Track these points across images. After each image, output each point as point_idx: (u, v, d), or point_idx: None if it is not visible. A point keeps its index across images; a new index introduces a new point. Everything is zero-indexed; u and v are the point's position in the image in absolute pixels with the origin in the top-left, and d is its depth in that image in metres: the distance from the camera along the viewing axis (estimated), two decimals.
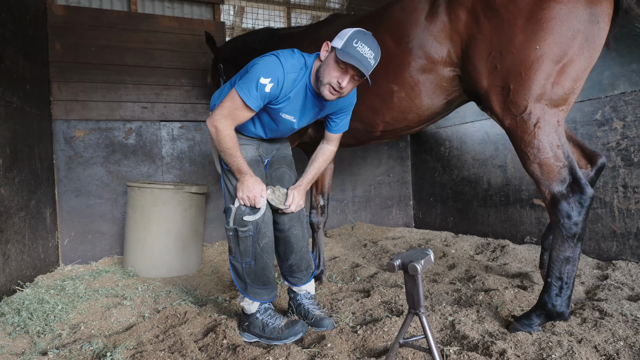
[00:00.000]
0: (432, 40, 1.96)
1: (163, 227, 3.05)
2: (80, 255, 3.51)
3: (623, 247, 2.76)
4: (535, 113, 1.71)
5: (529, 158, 1.75)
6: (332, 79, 1.70)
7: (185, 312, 2.19)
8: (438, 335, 1.83)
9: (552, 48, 1.64)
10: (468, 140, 4.01)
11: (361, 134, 2.42)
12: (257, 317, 1.94)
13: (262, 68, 1.73)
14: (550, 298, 1.76)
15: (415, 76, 2.04)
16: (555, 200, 1.71)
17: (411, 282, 1.28)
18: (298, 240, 2.07)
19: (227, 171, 1.93)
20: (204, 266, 3.36)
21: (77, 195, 3.53)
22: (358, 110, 2.16)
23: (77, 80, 3.57)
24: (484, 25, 1.78)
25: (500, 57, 1.74)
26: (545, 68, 1.66)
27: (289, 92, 1.79)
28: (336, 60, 1.68)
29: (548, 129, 1.71)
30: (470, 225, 4.05)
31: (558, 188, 1.71)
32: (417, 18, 2.01)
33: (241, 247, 1.88)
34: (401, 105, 2.15)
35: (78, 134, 3.56)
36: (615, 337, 1.70)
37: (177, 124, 3.90)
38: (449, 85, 2.03)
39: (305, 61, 1.81)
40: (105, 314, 2.24)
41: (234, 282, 1.96)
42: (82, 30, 3.58)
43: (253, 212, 1.87)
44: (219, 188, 4.02)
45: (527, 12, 1.67)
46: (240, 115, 1.78)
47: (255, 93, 1.71)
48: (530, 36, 1.67)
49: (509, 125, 1.79)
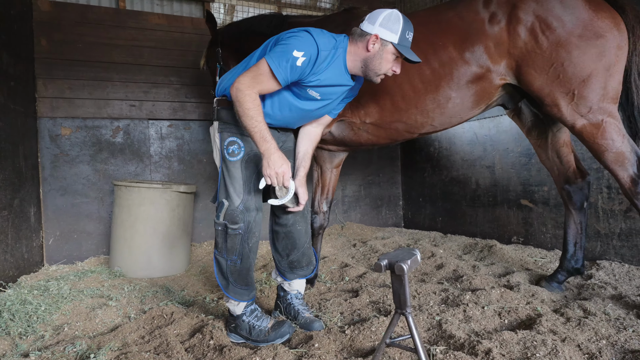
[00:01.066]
0: (492, 52, 2.12)
1: (150, 227, 3.02)
2: (65, 255, 3.46)
3: (607, 247, 2.81)
4: (601, 110, 2.00)
5: (607, 149, 1.99)
6: (389, 70, 1.79)
7: (172, 312, 2.17)
8: (425, 334, 1.84)
9: (602, 59, 1.99)
10: (457, 141, 4.05)
11: (398, 134, 2.44)
12: (244, 319, 1.90)
13: (295, 41, 1.66)
14: None
15: (472, 83, 2.18)
16: (635, 181, 1.97)
17: (398, 282, 1.29)
18: (301, 236, 2.05)
19: (228, 163, 1.83)
20: (192, 266, 3.33)
21: (63, 194, 3.47)
22: (407, 114, 2.29)
23: (64, 77, 3.51)
24: (543, 41, 2.03)
25: (562, 68, 2.01)
26: (601, 74, 1.99)
27: (321, 71, 1.73)
28: (393, 53, 1.75)
29: (614, 121, 2.00)
30: (459, 225, 4.08)
31: (633, 170, 1.98)
32: (479, 30, 2.14)
33: (229, 244, 1.83)
34: (453, 110, 2.27)
35: (64, 131, 3.50)
36: (598, 336, 1.73)
37: (166, 123, 3.86)
38: (495, 92, 2.23)
39: (335, 40, 1.77)
40: (90, 314, 2.21)
41: (216, 278, 1.90)
42: (69, 27, 3.52)
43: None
44: (208, 187, 3.99)
45: (579, 31, 1.99)
46: (265, 83, 1.68)
47: (285, 64, 1.64)
48: (585, 50, 1.98)
49: (580, 124, 2.04)
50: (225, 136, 1.85)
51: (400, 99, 2.29)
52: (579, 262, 2.39)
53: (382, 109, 2.34)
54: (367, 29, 1.74)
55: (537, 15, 2.04)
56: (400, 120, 2.33)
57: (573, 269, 2.39)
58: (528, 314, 1.97)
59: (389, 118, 2.35)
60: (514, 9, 2.08)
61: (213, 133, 1.94)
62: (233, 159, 1.83)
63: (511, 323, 1.93)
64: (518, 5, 2.07)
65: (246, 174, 1.84)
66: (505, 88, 2.24)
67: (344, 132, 2.48)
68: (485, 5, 2.15)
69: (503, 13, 2.10)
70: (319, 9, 4.82)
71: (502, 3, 2.12)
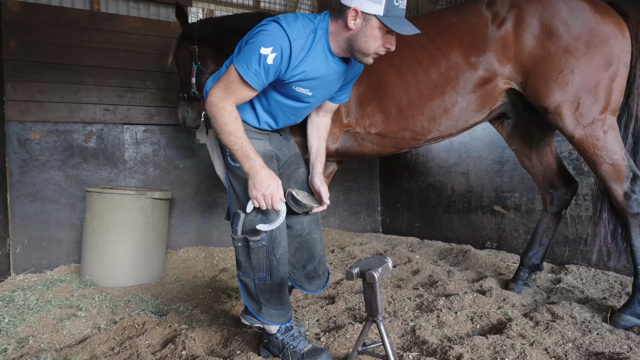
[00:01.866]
0: (499, 55, 2.07)
1: (123, 234, 2.95)
2: (33, 264, 3.34)
3: (575, 251, 2.90)
4: (603, 121, 1.97)
5: (604, 161, 1.98)
6: (379, 48, 1.54)
7: (144, 322, 2.12)
8: (399, 340, 1.86)
9: (608, 67, 1.95)
10: (433, 148, 4.12)
11: (405, 143, 2.36)
12: (277, 336, 1.71)
13: (262, 37, 1.46)
14: None
15: (478, 87, 2.14)
16: (628, 196, 1.97)
17: (369, 290, 1.30)
18: (317, 245, 1.88)
19: (233, 170, 1.65)
20: (166, 274, 3.27)
21: (32, 201, 3.36)
22: (414, 121, 2.22)
23: (34, 80, 3.41)
24: (549, 47, 1.98)
25: (571, 75, 1.96)
26: (606, 84, 1.96)
27: (301, 61, 1.52)
28: (380, 27, 1.49)
29: (614, 133, 1.99)
30: (435, 230, 4.15)
31: (627, 184, 1.97)
32: (482, 33, 2.10)
33: (253, 260, 1.62)
34: (459, 114, 2.22)
35: (34, 136, 3.40)
36: (565, 339, 1.78)
37: (142, 127, 3.79)
38: (499, 96, 2.19)
39: (312, 22, 1.55)
40: (58, 326, 2.14)
41: (245, 303, 1.70)
42: (40, 28, 3.43)
43: (268, 218, 1.58)
44: (185, 193, 3.93)
45: (585, 37, 1.95)
46: (239, 92, 1.51)
47: (256, 67, 1.45)
48: (591, 57, 1.95)
49: (579, 135, 2.01)
50: None
51: (407, 106, 2.21)
52: (538, 259, 2.47)
53: (387, 117, 2.25)
54: (346, 1, 1.49)
55: (542, 19, 2.00)
56: (407, 128, 2.26)
57: (533, 265, 2.47)
58: (499, 319, 2.02)
59: (395, 126, 2.27)
60: (519, 12, 2.03)
61: (211, 142, 1.77)
62: (237, 164, 1.61)
63: (483, 328, 1.97)
64: (524, 9, 2.02)
65: None
66: (508, 94, 2.21)
67: (347, 143, 2.37)
68: (489, 6, 2.11)
69: (507, 14, 2.05)
70: None
71: (505, 4, 2.07)
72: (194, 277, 3.17)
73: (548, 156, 2.45)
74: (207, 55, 2.94)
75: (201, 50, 2.91)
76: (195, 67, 2.92)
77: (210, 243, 4.01)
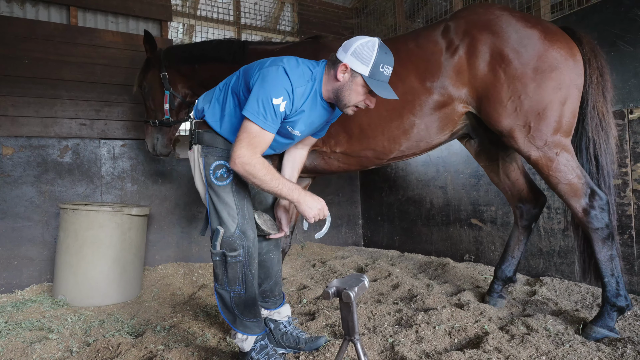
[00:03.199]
0: (453, 80, 2.17)
1: (99, 252, 2.88)
2: (3, 284, 3.21)
3: (549, 264, 2.98)
4: (555, 143, 2.06)
5: (559, 181, 2.07)
6: (360, 102, 1.70)
7: (118, 344, 2.07)
8: (378, 357, 1.86)
9: (557, 91, 2.04)
10: (412, 162, 4.19)
11: (369, 161, 2.48)
12: (252, 356, 1.76)
13: (271, 86, 1.58)
14: (613, 295, 2.02)
15: (435, 110, 2.23)
16: (587, 212, 2.04)
17: (346, 309, 1.30)
18: (274, 265, 2.02)
19: (215, 188, 1.73)
20: (144, 292, 3.20)
21: (2, 218, 3.25)
22: (374, 141, 2.33)
23: (6, 94, 3.33)
24: (500, 74, 2.07)
25: (519, 101, 2.06)
26: (556, 107, 2.04)
27: (300, 107, 1.68)
28: (363, 86, 1.64)
29: (567, 155, 2.07)
30: (415, 243, 4.19)
31: (585, 201, 2.04)
32: (438, 59, 2.18)
33: (230, 274, 1.72)
34: (419, 135, 2.30)
35: (5, 151, 3.30)
36: (539, 352, 1.82)
37: (119, 142, 3.73)
38: (458, 119, 2.29)
39: (312, 71, 1.70)
40: (27, 350, 2.06)
41: (221, 314, 1.78)
42: (14, 42, 3.37)
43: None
44: (164, 208, 3.87)
45: (534, 63, 2.04)
46: (262, 143, 1.63)
47: (273, 117, 1.59)
48: (540, 83, 2.03)
49: (535, 156, 2.10)
50: (210, 160, 1.74)
51: (367, 127, 2.32)
52: (511, 272, 2.54)
53: (350, 137, 2.36)
54: (340, 56, 1.65)
55: (493, 47, 2.08)
56: (369, 147, 2.36)
57: (506, 277, 2.54)
58: (476, 332, 2.05)
59: (358, 146, 2.38)
60: (471, 39, 2.12)
61: (193, 158, 1.81)
62: (222, 183, 1.72)
63: (460, 342, 2.00)
64: (475, 36, 2.12)
65: (238, 197, 1.75)
66: (468, 117, 2.30)
67: (315, 161, 2.51)
68: (444, 34, 2.21)
69: (461, 42, 2.15)
70: (279, 32, 4.90)
71: (459, 32, 2.16)
72: (173, 295, 3.11)
73: (515, 172, 2.53)
74: (178, 81, 2.99)
75: (171, 76, 2.96)
76: (167, 93, 2.94)
77: (190, 259, 3.95)
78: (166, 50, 3.01)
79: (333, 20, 5.04)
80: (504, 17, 2.12)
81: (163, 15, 4.02)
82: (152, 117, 3.06)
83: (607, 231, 2.02)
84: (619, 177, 2.62)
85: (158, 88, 2.98)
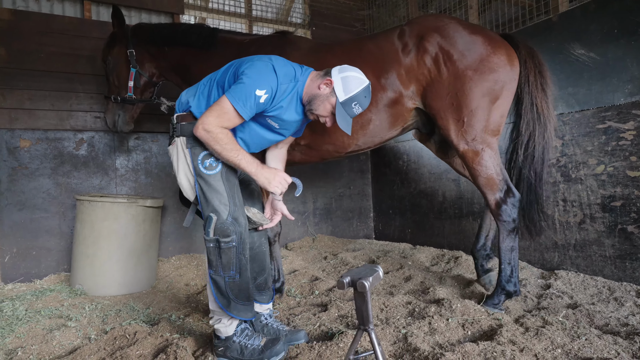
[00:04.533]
0: (404, 79, 2.38)
1: (114, 243, 2.93)
2: (22, 273, 3.29)
3: (564, 257, 2.94)
4: (482, 140, 2.30)
5: (479, 174, 2.32)
6: (322, 117, 1.86)
7: (135, 332, 2.11)
8: (391, 348, 1.86)
9: (491, 93, 2.27)
10: (424, 155, 4.16)
11: (329, 154, 2.67)
12: (234, 340, 1.83)
13: (258, 79, 1.71)
14: (505, 280, 2.32)
15: (388, 107, 2.44)
16: (499, 205, 2.30)
17: (360, 299, 1.31)
18: (266, 257, 2.11)
19: (204, 177, 1.80)
20: (158, 282, 3.25)
21: (21, 209, 3.32)
22: (334, 135, 2.51)
23: (24, 88, 3.38)
24: (444, 71, 2.30)
25: (455, 97, 2.29)
26: (486, 107, 2.27)
27: (280, 102, 1.80)
28: (333, 106, 1.82)
29: (490, 152, 2.31)
30: (427, 236, 4.17)
31: (499, 195, 2.30)
32: (393, 59, 2.39)
33: (224, 259, 1.78)
34: (374, 131, 2.51)
35: (23, 144, 3.37)
36: (554, 345, 1.80)
37: (133, 135, 3.77)
38: (408, 115, 2.50)
39: (295, 73, 1.84)
40: (47, 337, 2.11)
41: (215, 299, 1.83)
42: (30, 36, 3.41)
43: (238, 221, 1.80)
44: (177, 200, 3.89)
45: (475, 65, 2.27)
46: (230, 121, 1.74)
47: (251, 104, 1.71)
48: (477, 83, 2.26)
49: (463, 149, 2.33)
50: (197, 150, 1.81)
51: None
52: (487, 250, 2.74)
53: (314, 132, 2.53)
54: (332, 73, 1.83)
55: (441, 48, 2.31)
56: (330, 142, 2.56)
57: (485, 255, 2.73)
58: (490, 325, 2.04)
59: (320, 140, 2.56)
60: (422, 40, 2.34)
61: (177, 151, 1.88)
62: (212, 172, 1.80)
63: (474, 334, 1.99)
64: (426, 38, 2.34)
65: (229, 185, 1.82)
66: (418, 112, 2.50)
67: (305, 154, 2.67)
68: (400, 37, 2.42)
69: (413, 44, 2.37)
70: (290, 24, 4.88)
71: (413, 35, 2.38)
72: (186, 285, 3.15)
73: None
74: (145, 59, 3.00)
75: (139, 54, 2.95)
76: (134, 70, 2.94)
77: (203, 251, 3.99)
78: (135, 27, 3.02)
79: (344, 11, 5.00)
80: (452, 24, 2.36)
81: (175, 8, 4.03)
82: (115, 93, 3.04)
83: (513, 225, 2.28)
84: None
85: (124, 64, 2.97)
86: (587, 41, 2.78)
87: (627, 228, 2.59)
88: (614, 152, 2.65)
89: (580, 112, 2.82)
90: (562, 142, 2.92)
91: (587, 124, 2.79)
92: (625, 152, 2.60)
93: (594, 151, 2.75)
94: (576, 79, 2.84)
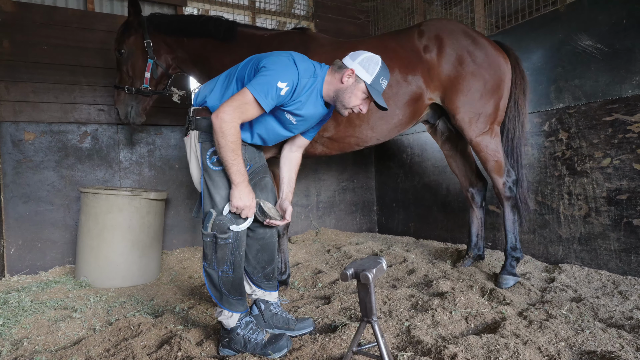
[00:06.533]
0: (426, 76, 2.62)
1: (119, 235, 2.94)
2: (28, 265, 3.32)
3: (568, 251, 2.93)
4: (493, 130, 2.67)
5: (490, 158, 2.66)
6: (356, 106, 1.86)
7: (139, 323, 2.12)
8: (394, 340, 1.87)
9: (498, 88, 2.63)
10: (428, 148, 4.13)
11: (350, 147, 2.76)
12: (238, 332, 1.85)
13: (280, 71, 1.71)
14: (512, 248, 2.68)
15: (412, 101, 2.63)
16: (505, 184, 2.68)
17: (364, 290, 1.30)
18: (275, 248, 2.13)
19: (210, 172, 1.81)
20: (162, 274, 3.26)
21: (26, 202, 3.34)
22: (359, 129, 2.64)
23: (27, 80, 3.39)
24: (461, 70, 2.59)
25: (471, 92, 2.60)
26: (496, 101, 2.64)
27: (299, 97, 1.80)
28: (364, 92, 1.82)
29: (497, 139, 2.70)
30: (431, 230, 4.16)
31: (505, 176, 2.68)
32: (416, 57, 2.61)
33: (219, 254, 1.81)
34: (396, 124, 2.68)
35: (27, 136, 3.38)
36: (558, 338, 1.80)
37: (137, 127, 3.77)
38: (425, 109, 2.74)
39: (315, 69, 1.84)
40: (52, 327, 2.13)
41: (208, 290, 1.88)
42: (34, 28, 3.41)
43: (238, 222, 1.81)
44: (180, 193, 3.93)
45: (487, 65, 2.61)
46: (250, 112, 1.73)
47: (272, 95, 1.71)
48: (489, 80, 2.61)
49: (477, 139, 2.65)
50: (207, 146, 1.83)
51: (355, 116, 2.60)
52: (480, 250, 3.05)
53: (338, 124, 2.62)
54: (347, 62, 1.83)
55: (459, 49, 2.58)
56: (354, 135, 2.66)
57: (476, 255, 3.05)
58: (493, 318, 2.03)
59: (344, 133, 2.65)
60: (441, 42, 2.60)
61: (190, 143, 1.89)
62: (217, 168, 1.81)
63: (477, 327, 1.99)
64: (444, 40, 2.61)
65: None
66: (431, 107, 2.76)
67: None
68: (419, 37, 2.64)
69: (434, 44, 2.61)
70: (294, 16, 4.84)
71: (432, 37, 2.62)
72: (190, 278, 3.16)
73: (470, 158, 3.07)
74: (163, 50, 2.90)
75: (155, 45, 2.86)
76: (151, 61, 2.84)
77: None
78: (150, 16, 2.90)
79: (348, 3, 4.95)
80: (464, 28, 2.67)
81: (178, 0, 4.01)
82: (128, 83, 2.90)
83: (515, 201, 2.68)
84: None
85: (140, 55, 2.86)
86: (595, 32, 2.74)
87: (633, 222, 2.57)
88: (621, 144, 2.62)
89: (586, 104, 2.79)
90: (568, 134, 2.89)
91: (594, 117, 2.76)
92: (632, 144, 2.57)
93: (600, 144, 2.73)
94: (583, 71, 2.80)
